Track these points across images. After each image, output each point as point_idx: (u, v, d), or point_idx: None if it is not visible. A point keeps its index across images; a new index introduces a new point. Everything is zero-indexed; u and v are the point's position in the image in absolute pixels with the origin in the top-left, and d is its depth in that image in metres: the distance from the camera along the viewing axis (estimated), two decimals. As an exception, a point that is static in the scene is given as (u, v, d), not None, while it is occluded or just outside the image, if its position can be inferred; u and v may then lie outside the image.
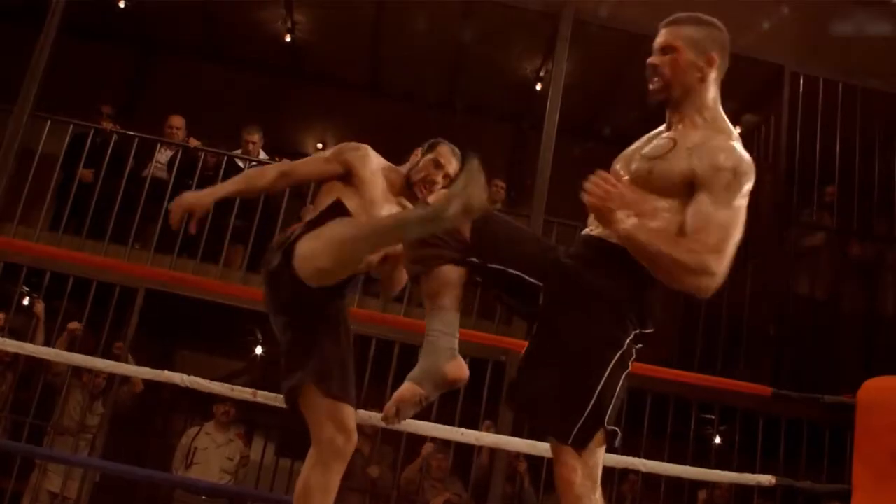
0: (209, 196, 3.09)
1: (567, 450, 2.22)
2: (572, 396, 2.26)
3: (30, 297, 7.26)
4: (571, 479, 2.18)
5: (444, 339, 2.44)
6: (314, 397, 2.92)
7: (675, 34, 2.45)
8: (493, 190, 7.71)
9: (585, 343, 2.30)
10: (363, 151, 3.25)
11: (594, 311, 2.32)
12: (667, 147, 2.37)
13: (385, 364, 6.41)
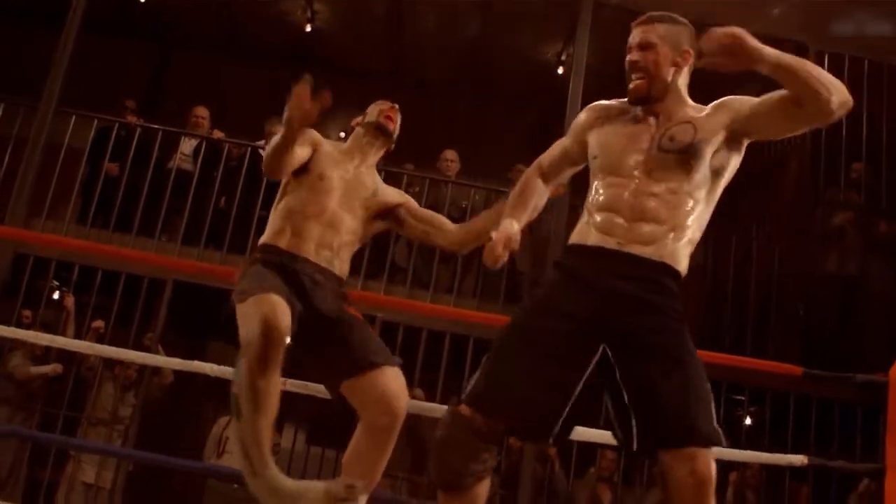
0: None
1: (708, 452, 2.25)
2: (703, 401, 2.30)
3: (59, 292, 7.32)
4: (711, 477, 2.22)
5: None
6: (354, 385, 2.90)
7: (652, 31, 2.56)
8: (515, 173, 7.70)
9: (684, 352, 2.35)
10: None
11: (676, 324, 2.38)
12: (687, 128, 2.46)
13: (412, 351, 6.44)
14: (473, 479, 2.38)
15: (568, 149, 2.71)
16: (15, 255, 6.86)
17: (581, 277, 2.42)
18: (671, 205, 2.40)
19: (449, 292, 7.11)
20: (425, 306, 6.43)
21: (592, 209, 2.50)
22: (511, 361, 2.40)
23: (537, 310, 2.48)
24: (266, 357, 2.49)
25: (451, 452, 2.37)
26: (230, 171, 7.27)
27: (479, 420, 2.34)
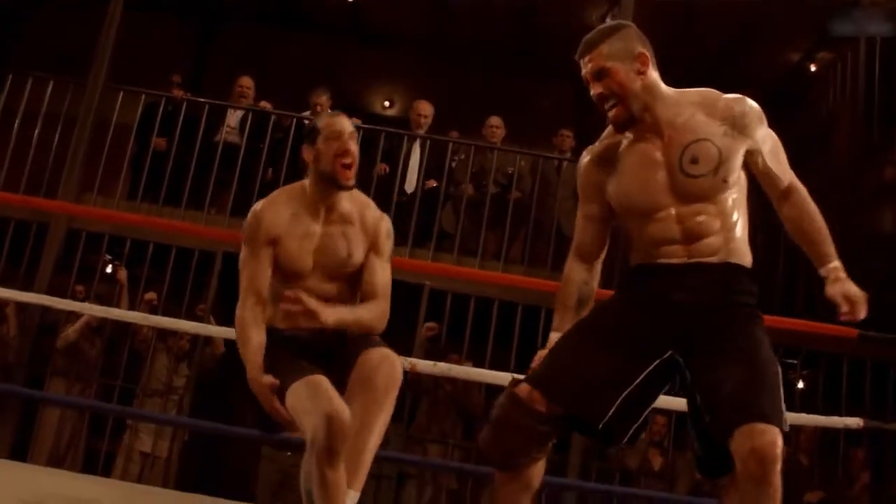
0: (258, 376, 2.74)
1: (772, 430, 2.19)
2: (768, 386, 2.27)
3: (112, 266, 7.44)
4: (775, 456, 2.16)
5: None
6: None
7: (598, 57, 2.43)
8: (559, 139, 7.65)
9: (753, 343, 2.33)
10: (254, 222, 2.88)
11: (746, 318, 2.38)
12: (708, 147, 2.37)
13: (460, 319, 6.47)
14: (528, 461, 2.39)
15: (592, 214, 2.58)
16: (68, 230, 6.98)
17: (649, 294, 2.42)
18: (718, 214, 2.38)
19: (497, 259, 7.10)
20: (474, 272, 6.44)
21: (642, 245, 2.46)
22: (575, 349, 2.40)
23: (606, 310, 2.49)
24: (335, 449, 2.42)
25: (506, 432, 2.37)
26: (277, 143, 7.31)
27: (537, 401, 2.35)
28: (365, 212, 2.93)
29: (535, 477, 2.42)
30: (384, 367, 2.62)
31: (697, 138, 2.37)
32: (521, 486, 2.41)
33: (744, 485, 2.17)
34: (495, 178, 7.33)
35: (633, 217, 2.46)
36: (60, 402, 6.18)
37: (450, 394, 6.55)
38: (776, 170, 2.43)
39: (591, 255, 2.59)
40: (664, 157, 2.39)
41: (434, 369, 4.51)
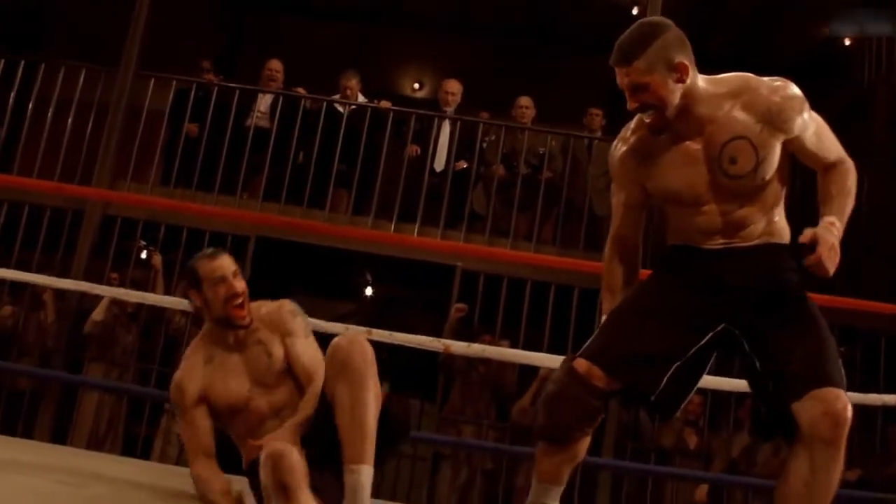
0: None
1: (842, 393, 2.24)
2: (829, 351, 2.31)
3: (147, 251, 7.50)
4: (847, 418, 2.21)
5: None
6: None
7: (634, 72, 2.33)
8: (588, 119, 7.60)
9: (807, 314, 2.37)
10: (177, 392, 2.92)
11: (795, 291, 2.41)
12: (745, 147, 2.34)
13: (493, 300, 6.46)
14: (579, 434, 2.44)
15: (628, 202, 2.58)
16: (103, 217, 7.04)
17: (695, 275, 2.44)
18: (760, 204, 2.40)
19: (528, 240, 7.09)
20: (506, 253, 6.44)
21: (683, 229, 2.48)
22: (627, 325, 2.44)
23: (653, 288, 2.51)
24: (285, 483, 2.41)
25: (562, 407, 2.41)
26: (307, 127, 7.32)
27: (595, 376, 2.38)
28: (267, 316, 3.00)
29: (582, 450, 2.48)
30: (356, 348, 2.62)
31: (735, 136, 2.34)
32: (568, 458, 2.47)
33: (814, 446, 2.23)
34: (526, 159, 7.31)
35: (669, 204, 2.48)
36: (99, 387, 6.26)
37: (483, 375, 6.56)
38: (819, 150, 2.41)
39: (630, 239, 2.61)
40: (704, 154, 2.37)
41: (468, 350, 4.51)
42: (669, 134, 2.41)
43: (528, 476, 6.25)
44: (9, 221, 6.88)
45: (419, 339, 4.20)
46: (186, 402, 2.88)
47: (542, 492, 2.50)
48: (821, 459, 2.22)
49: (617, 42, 2.38)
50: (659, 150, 2.43)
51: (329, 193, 7.19)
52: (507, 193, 7.28)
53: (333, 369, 2.63)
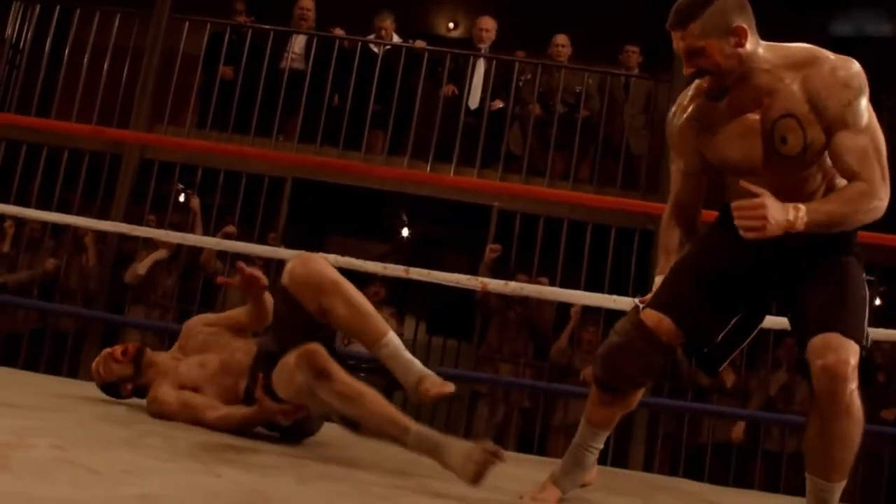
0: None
1: (846, 345, 2.18)
2: (853, 303, 2.28)
3: (185, 194, 7.56)
4: (844, 375, 2.16)
5: (594, 456, 2.58)
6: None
7: (690, 37, 2.25)
8: (625, 56, 7.49)
9: (847, 272, 2.34)
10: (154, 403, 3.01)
11: (843, 255, 2.37)
12: (795, 127, 2.26)
13: (530, 240, 6.45)
14: (636, 388, 2.47)
15: (688, 168, 2.55)
16: (141, 161, 7.10)
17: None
18: (817, 172, 2.34)
19: (565, 179, 7.05)
20: (543, 191, 6.41)
21: (740, 192, 2.38)
22: (690, 279, 2.43)
23: (712, 245, 2.50)
24: (322, 368, 2.46)
25: (625, 358, 2.41)
26: (341, 69, 7.29)
27: (664, 328, 2.38)
28: None
29: (635, 400, 2.52)
30: (313, 264, 2.76)
31: (787, 113, 2.26)
32: (622, 406, 2.51)
33: (820, 399, 2.21)
34: (562, 98, 7.24)
35: (731, 174, 2.45)
36: (140, 326, 6.36)
37: (520, 315, 6.59)
38: (847, 156, 2.24)
39: (690, 203, 2.59)
40: (761, 126, 2.31)
41: (505, 288, 4.52)
42: (727, 102, 2.34)
43: (564, 415, 6.32)
44: (49, 166, 6.97)
45: (456, 277, 4.21)
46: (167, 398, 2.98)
47: (590, 435, 2.53)
48: (827, 412, 2.20)
49: (674, 5, 2.30)
50: (716, 119, 2.38)
51: (365, 134, 7.18)
52: (544, 132, 7.23)
53: (305, 290, 2.73)
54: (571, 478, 2.54)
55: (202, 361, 3.04)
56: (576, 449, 2.54)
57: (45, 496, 1.61)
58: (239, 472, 2.15)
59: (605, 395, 2.47)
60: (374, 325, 2.68)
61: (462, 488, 2.38)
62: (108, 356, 3.16)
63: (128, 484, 1.82)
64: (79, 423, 2.60)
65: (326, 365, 2.29)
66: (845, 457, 2.26)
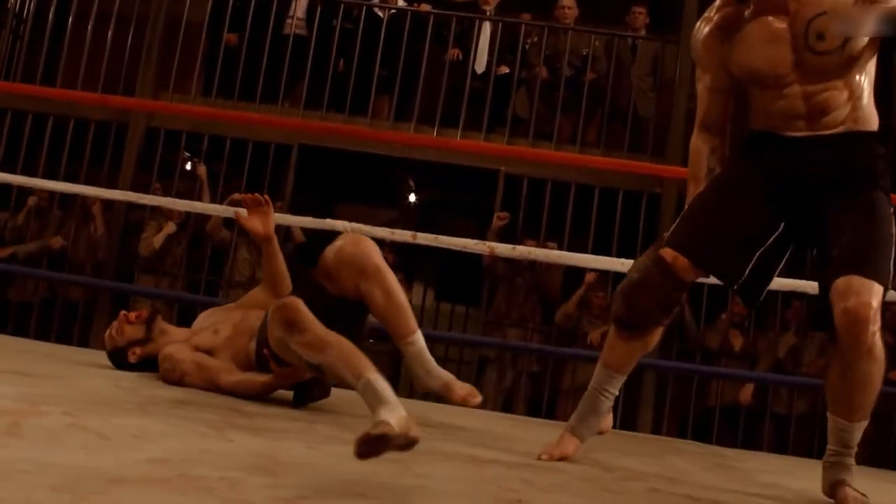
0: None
1: (869, 287, 2.16)
2: (879, 244, 2.24)
3: (191, 162, 7.56)
4: (867, 317, 2.13)
5: (609, 402, 2.54)
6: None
7: None
8: (632, 17, 7.43)
9: (875, 206, 2.29)
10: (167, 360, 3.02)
11: (869, 184, 2.32)
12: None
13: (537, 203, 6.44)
14: (654, 325, 2.44)
15: (714, 85, 2.50)
16: (147, 129, 7.10)
17: (777, 164, 2.37)
18: (845, 86, 2.30)
19: (572, 143, 7.02)
20: (550, 154, 6.41)
21: (765, 113, 2.40)
22: (710, 212, 2.41)
23: (735, 176, 2.46)
24: (292, 320, 2.35)
25: (643, 294, 2.40)
26: (345, 34, 7.25)
27: (681, 267, 2.36)
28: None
29: (653, 341, 2.49)
30: (363, 246, 2.78)
31: (823, 10, 2.24)
32: (641, 345, 2.47)
33: (842, 342, 2.19)
34: (569, 60, 7.20)
35: (756, 88, 2.40)
36: (150, 295, 6.38)
37: (528, 280, 6.59)
38: None
39: (717, 125, 2.54)
40: (790, 32, 2.29)
41: (513, 253, 4.52)
42: (754, 8, 2.34)
43: (573, 378, 6.34)
44: (55, 136, 6.96)
45: (464, 241, 4.21)
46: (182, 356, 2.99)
47: (605, 378, 2.51)
48: (849, 355, 2.20)
49: None
50: (742, 27, 2.37)
51: (371, 100, 7.16)
52: (550, 96, 7.19)
53: (349, 270, 2.76)
54: (588, 425, 2.53)
55: (215, 329, 3.06)
56: (591, 394, 2.53)
57: (57, 462, 1.62)
58: (249, 437, 2.16)
59: (623, 333, 2.45)
60: (406, 320, 2.76)
61: (474, 450, 2.40)
62: (123, 317, 3.19)
63: (138, 449, 1.83)
64: (89, 390, 2.62)
65: (296, 316, 2.25)
66: (866, 399, 2.27)
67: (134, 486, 1.53)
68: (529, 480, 2.09)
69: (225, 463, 1.82)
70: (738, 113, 2.51)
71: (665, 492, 2.23)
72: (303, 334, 2.22)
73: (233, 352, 2.94)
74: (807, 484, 2.40)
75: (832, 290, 2.19)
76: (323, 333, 2.20)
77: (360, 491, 1.73)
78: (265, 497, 1.58)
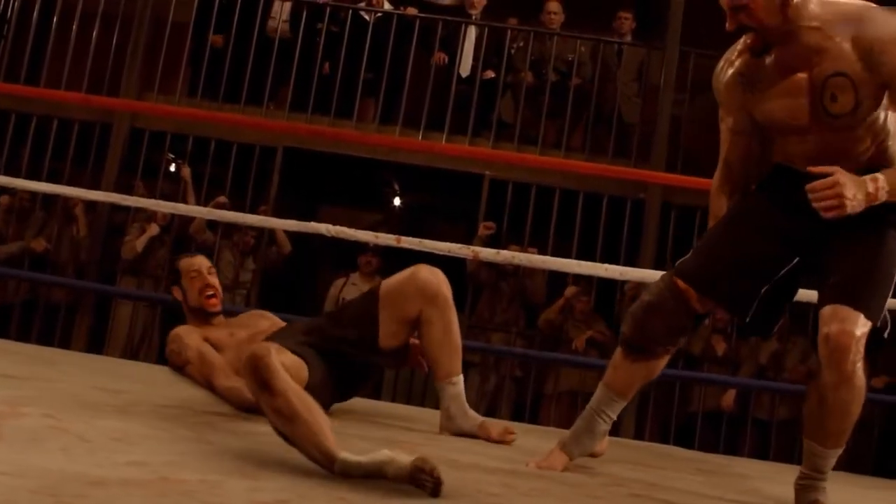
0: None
1: (854, 319, 2.15)
2: (874, 280, 2.23)
3: (175, 163, 7.53)
4: (846, 346, 2.14)
5: (606, 425, 2.52)
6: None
7: None
8: (618, 23, 7.45)
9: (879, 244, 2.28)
10: (176, 340, 3.11)
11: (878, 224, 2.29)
12: (846, 85, 2.20)
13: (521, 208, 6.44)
14: (662, 350, 2.43)
15: (736, 127, 2.47)
16: (131, 130, 7.07)
17: (793, 199, 2.32)
18: (866, 133, 2.26)
19: (557, 148, 7.03)
20: (535, 159, 6.42)
21: (786, 151, 2.38)
22: (721, 245, 2.41)
23: (751, 208, 2.46)
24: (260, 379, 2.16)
25: (654, 317, 2.40)
26: (331, 37, 7.24)
27: (691, 296, 2.36)
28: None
29: (657, 368, 2.48)
30: (441, 279, 2.84)
31: (837, 72, 2.20)
32: (643, 372, 2.46)
33: (823, 366, 2.19)
34: (555, 66, 7.21)
35: (777, 134, 2.39)
36: (132, 297, 6.35)
37: (511, 286, 6.60)
38: None
39: (738, 165, 2.51)
40: (809, 85, 2.25)
41: (497, 257, 4.52)
42: (774, 59, 2.30)
43: (555, 383, 6.35)
44: (38, 136, 6.92)
45: (448, 246, 4.20)
46: (190, 342, 3.05)
47: (605, 399, 2.49)
48: (828, 381, 2.19)
49: None
50: (763, 75, 2.33)
51: (356, 103, 7.15)
52: (536, 101, 7.20)
53: (419, 294, 2.81)
54: (580, 444, 2.51)
55: (232, 332, 3.10)
56: (589, 413, 2.51)
57: (37, 464, 1.61)
58: (230, 439, 2.15)
59: (628, 354, 2.44)
60: (456, 360, 2.85)
61: (455, 454, 2.39)
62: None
63: (118, 451, 1.82)
64: (70, 392, 2.60)
65: (268, 377, 2.07)
66: (842, 427, 2.26)
67: (114, 489, 1.53)
68: (511, 485, 2.09)
69: (205, 466, 1.81)
70: (762, 149, 2.49)
71: (646, 497, 2.23)
72: (273, 398, 2.04)
73: (239, 355, 2.92)
74: (788, 489, 2.41)
75: (819, 316, 2.19)
76: (295, 402, 2.02)
77: (339, 494, 1.73)
78: (245, 500, 1.57)
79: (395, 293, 2.83)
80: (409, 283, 2.83)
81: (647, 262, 6.37)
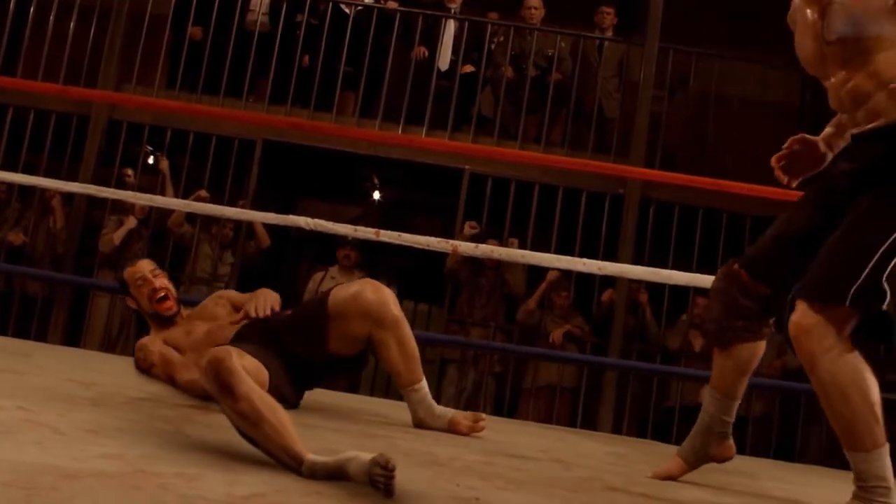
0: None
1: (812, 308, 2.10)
2: (851, 258, 2.10)
3: (154, 156, 7.48)
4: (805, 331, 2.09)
5: (721, 427, 2.50)
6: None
7: None
8: (599, 17, 7.46)
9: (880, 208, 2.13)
10: (142, 349, 3.19)
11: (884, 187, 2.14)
12: (836, 9, 2.16)
13: (501, 203, 6.44)
14: (733, 336, 2.41)
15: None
16: (109, 122, 7.01)
17: (833, 170, 2.35)
18: (869, 74, 2.15)
19: (537, 142, 7.03)
20: (514, 153, 6.43)
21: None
22: (774, 235, 2.40)
23: (803, 197, 2.43)
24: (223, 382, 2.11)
25: (717, 302, 2.43)
26: (311, 30, 7.21)
27: (747, 281, 2.37)
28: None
29: (747, 358, 2.44)
30: (382, 295, 2.83)
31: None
32: (734, 364, 2.43)
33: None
34: (535, 61, 7.21)
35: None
36: (109, 289, 6.30)
37: (491, 281, 6.60)
38: None
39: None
40: (817, 27, 2.22)
41: (476, 251, 4.52)
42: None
43: (534, 378, 6.37)
44: (15, 127, 6.86)
45: (427, 240, 4.20)
46: (153, 348, 3.15)
47: (710, 399, 2.49)
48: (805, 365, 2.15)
49: None
50: (796, 9, 2.32)
51: (336, 96, 7.12)
52: (516, 95, 7.20)
53: (364, 316, 2.81)
54: (696, 449, 2.52)
55: (189, 330, 3.15)
56: (700, 416, 2.52)
57: (10, 457, 1.60)
58: (206, 432, 2.14)
59: (715, 350, 2.46)
60: (415, 368, 2.89)
61: (433, 447, 2.39)
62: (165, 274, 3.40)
63: (93, 444, 1.81)
64: (45, 385, 2.58)
65: (231, 381, 2.03)
66: (839, 425, 2.16)
67: (88, 482, 1.51)
68: (488, 478, 2.09)
69: (182, 459, 1.80)
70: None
71: (623, 491, 2.24)
72: (237, 402, 1.99)
73: (198, 356, 2.91)
74: (763, 484, 2.42)
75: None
76: (259, 405, 1.98)
77: (316, 489, 1.73)
78: (222, 493, 1.56)
79: (341, 314, 2.82)
80: (353, 306, 2.81)
81: (626, 257, 6.39)
